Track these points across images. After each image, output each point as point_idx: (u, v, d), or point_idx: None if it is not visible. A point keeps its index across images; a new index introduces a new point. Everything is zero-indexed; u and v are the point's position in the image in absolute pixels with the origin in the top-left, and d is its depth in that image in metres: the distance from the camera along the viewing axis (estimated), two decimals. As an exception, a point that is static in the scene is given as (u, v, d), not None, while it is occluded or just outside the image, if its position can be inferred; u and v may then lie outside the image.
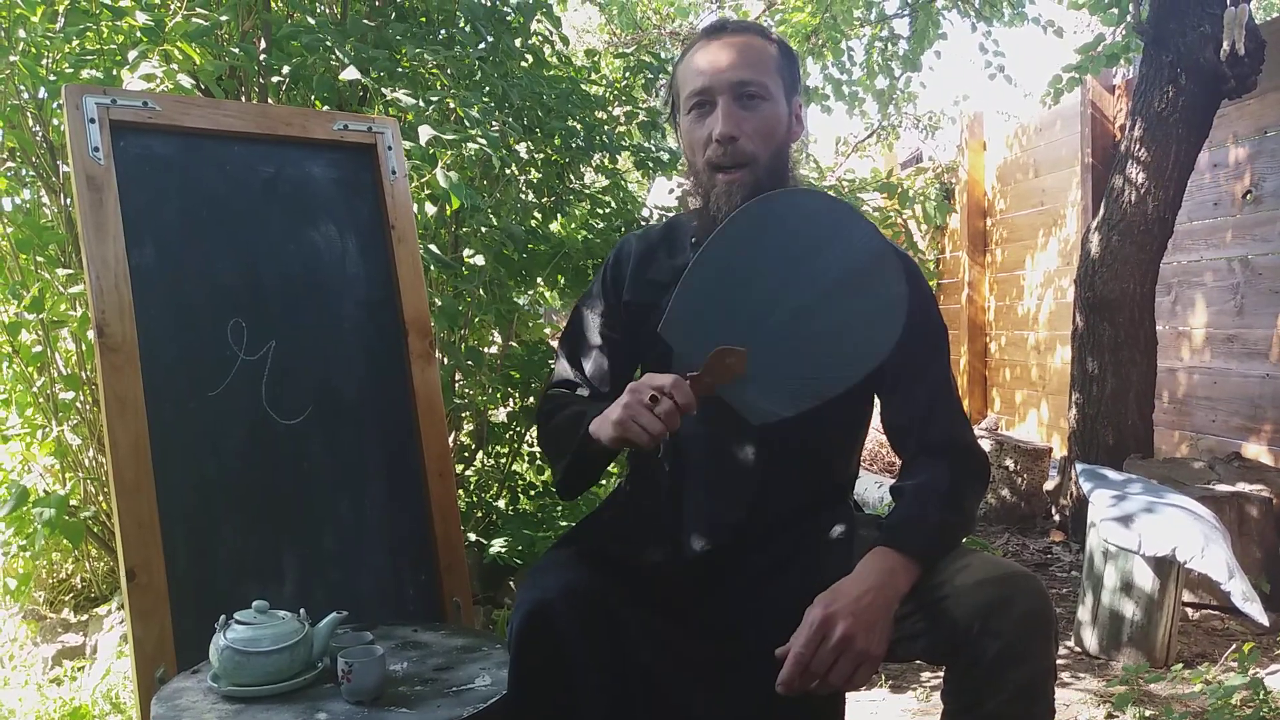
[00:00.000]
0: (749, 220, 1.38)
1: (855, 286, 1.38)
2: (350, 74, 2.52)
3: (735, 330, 1.37)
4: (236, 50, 2.63)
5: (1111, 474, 3.08)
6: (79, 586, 3.12)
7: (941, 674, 1.36)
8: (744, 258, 1.38)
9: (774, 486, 1.48)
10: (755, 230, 1.37)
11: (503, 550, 2.76)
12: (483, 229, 2.83)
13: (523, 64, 3.16)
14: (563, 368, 1.68)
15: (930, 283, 5.78)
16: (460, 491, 2.97)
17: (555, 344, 3.57)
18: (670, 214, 2.91)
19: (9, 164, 2.72)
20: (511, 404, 3.19)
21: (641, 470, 1.60)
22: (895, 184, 5.22)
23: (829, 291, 1.37)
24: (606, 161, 3.35)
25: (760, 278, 1.38)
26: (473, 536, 2.99)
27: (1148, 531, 2.62)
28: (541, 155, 3.16)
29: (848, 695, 1.46)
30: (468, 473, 3.22)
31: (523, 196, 3.19)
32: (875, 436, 4.75)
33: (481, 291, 2.94)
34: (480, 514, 3.15)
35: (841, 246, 1.38)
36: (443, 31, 3.06)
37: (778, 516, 1.48)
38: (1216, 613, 3.11)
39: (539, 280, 3.19)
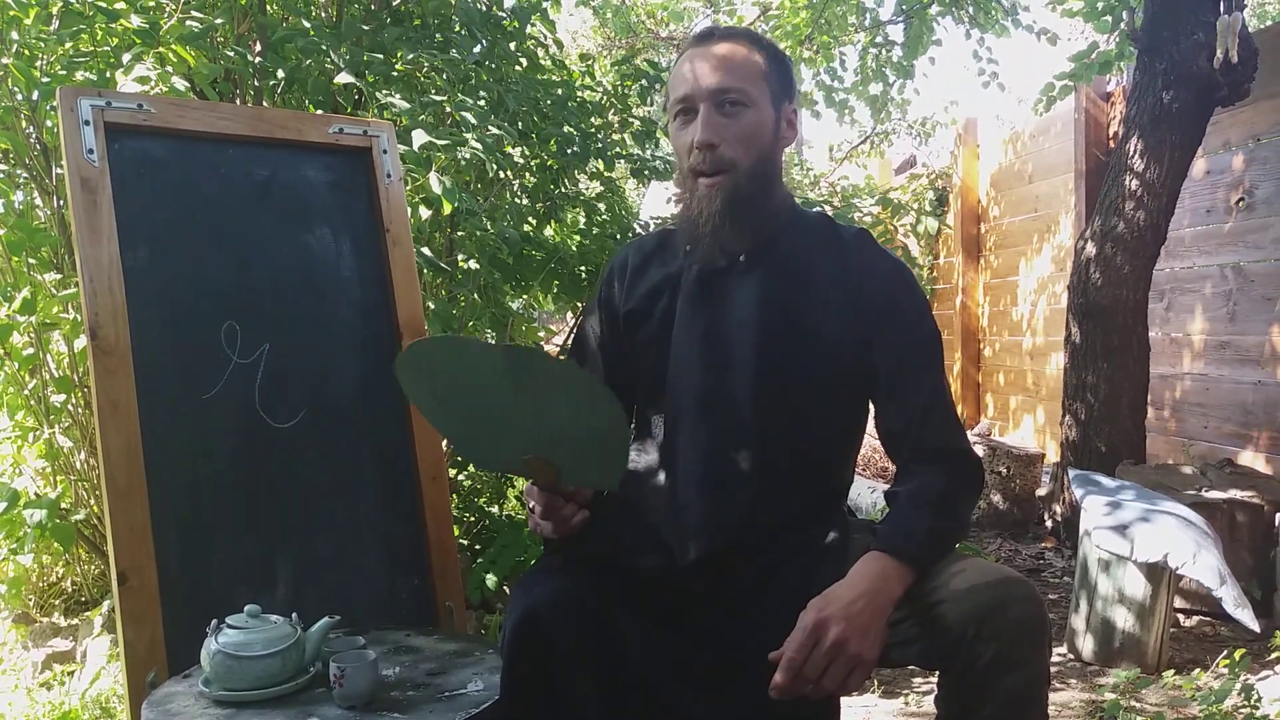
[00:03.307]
0: (407, 367, 1.40)
1: (529, 390, 1.31)
2: (345, 77, 2.52)
3: (505, 448, 1.39)
4: (231, 53, 2.63)
5: (1104, 480, 3.09)
6: (69, 590, 3.11)
7: (934, 679, 1.36)
8: (434, 400, 1.41)
9: (770, 493, 1.48)
10: (417, 376, 1.40)
11: (493, 581, 2.75)
12: (477, 233, 2.83)
13: (518, 68, 3.16)
14: None
15: (924, 289, 5.80)
16: (453, 496, 2.97)
17: (548, 348, 3.58)
18: (664, 222, 2.91)
19: (1, 166, 2.71)
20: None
21: (637, 476, 1.60)
22: (890, 200, 5.24)
23: (514, 400, 1.32)
24: (601, 168, 3.35)
25: (467, 408, 1.38)
26: (465, 541, 2.99)
27: (1140, 538, 2.62)
28: (536, 160, 3.16)
29: (841, 700, 1.46)
30: (460, 478, 3.21)
31: (517, 201, 3.18)
32: (869, 442, 4.75)
33: (476, 296, 2.94)
34: (472, 519, 3.15)
35: (479, 366, 1.33)
36: (438, 35, 3.06)
37: (773, 523, 1.48)
38: (1208, 619, 3.11)
39: (533, 285, 3.18)
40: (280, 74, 2.70)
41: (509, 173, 3.01)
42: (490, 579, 2.74)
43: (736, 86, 1.48)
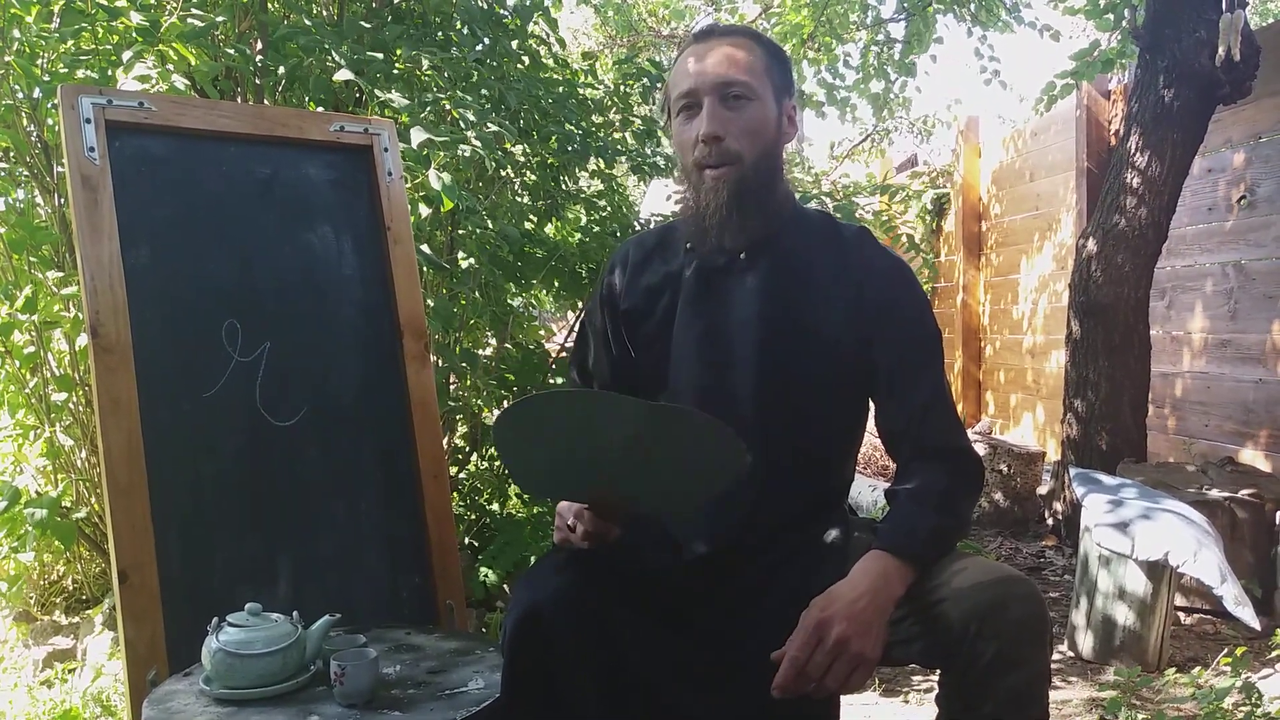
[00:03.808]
0: (516, 418, 1.34)
1: (661, 438, 1.31)
2: (346, 75, 2.52)
3: (586, 483, 1.38)
4: (232, 51, 2.63)
5: (1105, 478, 3.09)
6: (71, 588, 3.11)
7: (935, 678, 1.36)
8: (534, 441, 1.35)
9: (771, 492, 1.48)
10: (530, 421, 1.34)
11: (494, 579, 2.75)
12: (478, 231, 2.83)
13: (519, 66, 3.16)
14: (573, 380, 1.74)
15: (925, 287, 5.79)
16: (454, 494, 2.97)
17: (549, 346, 3.58)
18: (665, 219, 2.91)
19: (2, 164, 2.71)
20: (506, 406, 3.18)
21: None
22: (893, 187, 5.24)
23: (633, 446, 1.30)
24: (602, 166, 3.35)
25: (567, 453, 1.35)
26: (466, 540, 2.99)
27: (1141, 536, 2.62)
28: (537, 158, 3.16)
29: (842, 698, 1.46)
30: (461, 476, 3.21)
31: (518, 199, 3.18)
32: (869, 440, 4.75)
33: (476, 294, 2.93)
34: (474, 517, 3.15)
35: (608, 422, 1.31)
36: (439, 33, 3.06)
37: (775, 522, 1.48)
38: (1209, 617, 3.11)
39: (534, 283, 3.18)
40: (281, 72, 2.70)
41: (510, 170, 3.01)
42: (491, 576, 2.74)
43: (740, 80, 1.48)
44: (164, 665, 1.69)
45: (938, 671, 1.34)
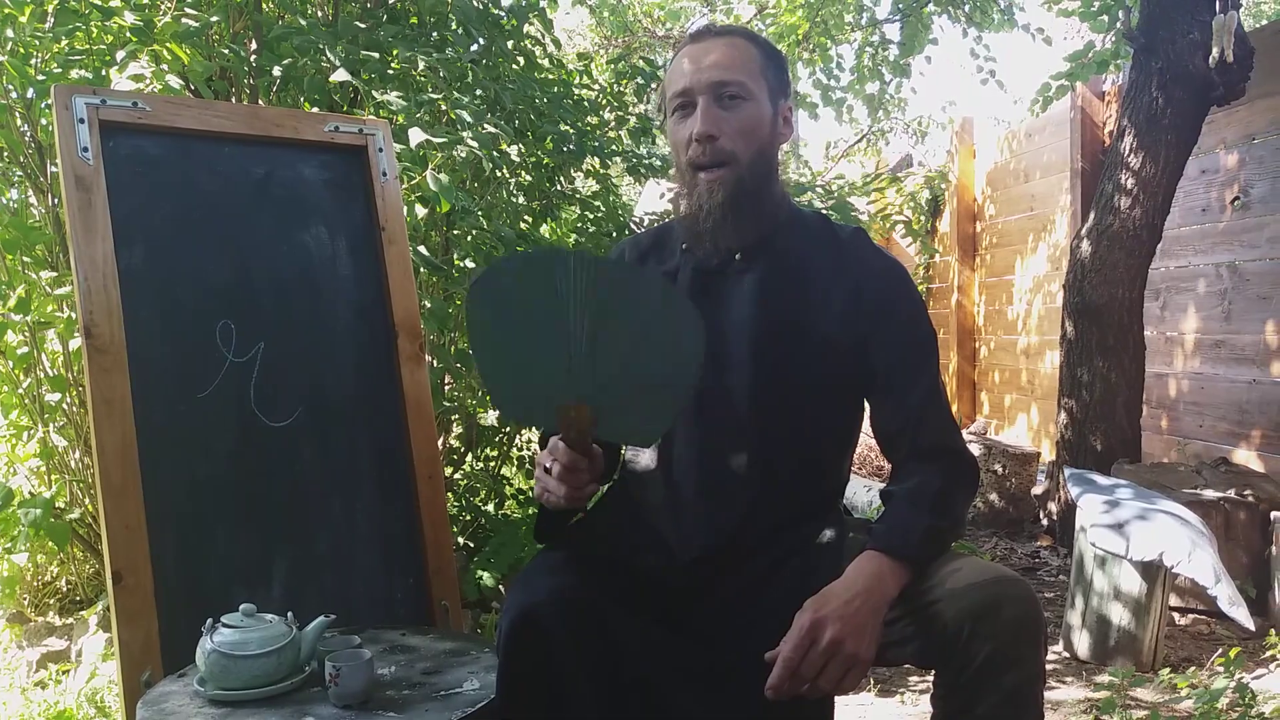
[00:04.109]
0: (484, 286, 1.37)
1: (615, 308, 1.33)
2: (341, 76, 2.52)
3: (554, 382, 1.36)
4: (227, 51, 2.62)
5: (1100, 479, 3.09)
6: (64, 589, 3.10)
7: (930, 678, 1.36)
8: (505, 314, 1.37)
9: (767, 492, 1.48)
10: (497, 291, 1.36)
11: (489, 581, 2.75)
12: (473, 231, 2.83)
13: (514, 66, 3.16)
14: None
15: (920, 288, 5.81)
16: (449, 495, 2.97)
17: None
18: (661, 218, 2.91)
19: (-4, 164, 2.70)
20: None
21: (636, 475, 1.60)
22: (887, 176, 5.25)
23: (597, 318, 1.32)
24: (597, 166, 3.35)
25: (531, 325, 1.35)
26: (461, 540, 2.98)
27: (1135, 536, 2.63)
28: (533, 159, 3.16)
29: (837, 699, 1.46)
30: (456, 476, 3.21)
31: (513, 199, 3.18)
32: (864, 440, 4.76)
33: (472, 294, 2.92)
34: (469, 517, 3.15)
35: (571, 280, 1.33)
36: (434, 34, 3.05)
37: (771, 522, 1.48)
38: (1203, 617, 3.12)
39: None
40: (276, 72, 2.69)
41: (505, 171, 3.00)
42: (487, 578, 2.74)
43: (735, 80, 1.48)
44: (158, 666, 1.68)
45: (933, 672, 1.34)
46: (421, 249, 2.67)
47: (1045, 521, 4.23)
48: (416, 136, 2.43)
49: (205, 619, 1.49)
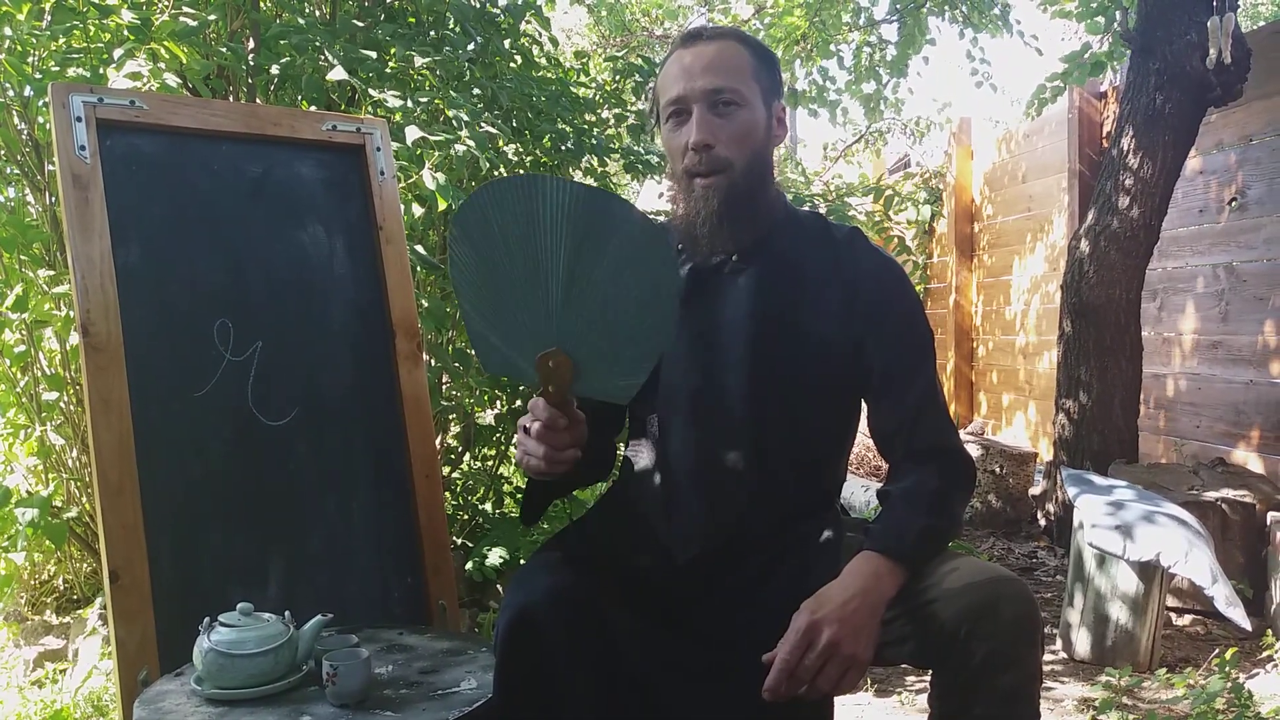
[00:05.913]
0: (465, 217, 1.35)
1: (593, 240, 1.30)
2: (338, 74, 2.51)
3: (535, 333, 1.34)
4: (224, 50, 2.62)
5: (1097, 479, 3.09)
6: (61, 588, 3.10)
7: (927, 678, 1.36)
8: (485, 248, 1.35)
9: (764, 493, 1.48)
10: (479, 223, 1.34)
11: (499, 562, 2.74)
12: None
13: (512, 65, 3.16)
14: None
15: (917, 288, 5.81)
16: (446, 494, 2.96)
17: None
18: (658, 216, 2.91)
19: (-7, 162, 2.70)
20: (499, 406, 3.18)
21: (633, 475, 1.60)
22: (883, 189, 5.27)
23: (574, 252, 1.31)
24: (596, 164, 3.35)
25: (511, 257, 1.33)
26: (459, 540, 2.98)
27: (1133, 536, 2.63)
28: (530, 157, 3.16)
29: (835, 699, 1.46)
30: (454, 475, 3.21)
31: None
32: (862, 440, 4.76)
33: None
34: (466, 517, 3.14)
35: (548, 207, 1.31)
36: (432, 32, 3.05)
37: (768, 522, 1.48)
38: (1200, 617, 3.12)
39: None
40: (274, 71, 2.69)
41: (502, 169, 3.00)
42: (492, 558, 2.72)
43: (729, 86, 1.48)
44: (155, 665, 1.68)
45: (930, 671, 1.34)
46: (419, 248, 2.66)
47: (1042, 522, 4.23)
48: (413, 135, 2.43)
49: (202, 618, 1.49)
